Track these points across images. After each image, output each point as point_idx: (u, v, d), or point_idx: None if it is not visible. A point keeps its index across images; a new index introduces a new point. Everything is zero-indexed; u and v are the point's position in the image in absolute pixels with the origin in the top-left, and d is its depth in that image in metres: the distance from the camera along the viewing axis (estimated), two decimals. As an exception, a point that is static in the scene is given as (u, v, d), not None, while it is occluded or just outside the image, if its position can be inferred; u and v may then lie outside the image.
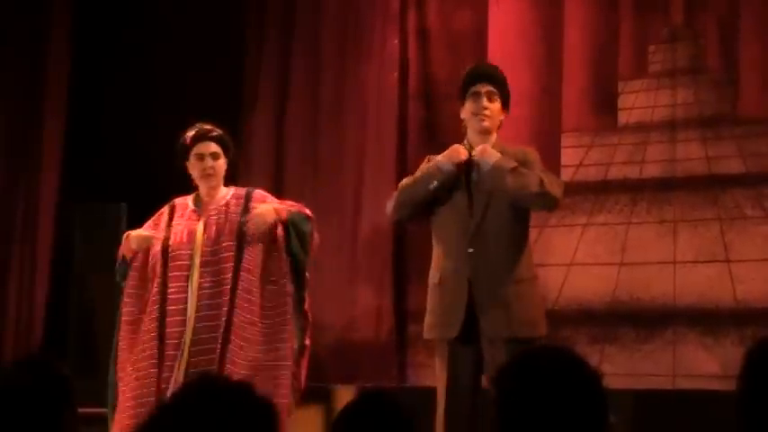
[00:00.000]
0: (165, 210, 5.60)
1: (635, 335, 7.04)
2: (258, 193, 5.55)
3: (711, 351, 6.79)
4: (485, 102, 5.17)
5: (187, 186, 5.79)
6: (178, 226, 5.48)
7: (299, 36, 8.16)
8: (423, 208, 5.23)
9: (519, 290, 5.07)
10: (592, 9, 7.33)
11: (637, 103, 7.26)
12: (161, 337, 5.25)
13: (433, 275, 5.25)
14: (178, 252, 5.38)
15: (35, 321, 7.86)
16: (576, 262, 5.66)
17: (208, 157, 5.52)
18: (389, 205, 5.31)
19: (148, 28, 8.40)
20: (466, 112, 5.22)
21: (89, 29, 8.14)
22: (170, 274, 5.34)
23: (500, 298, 5.03)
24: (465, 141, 5.26)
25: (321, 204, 7.87)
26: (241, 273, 5.26)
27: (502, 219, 5.09)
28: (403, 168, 7.79)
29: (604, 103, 7.31)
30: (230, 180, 5.63)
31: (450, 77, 7.78)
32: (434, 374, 7.51)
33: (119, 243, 5.70)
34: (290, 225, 5.35)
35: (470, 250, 5.07)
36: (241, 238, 5.32)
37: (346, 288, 7.74)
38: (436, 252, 5.26)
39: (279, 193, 7.95)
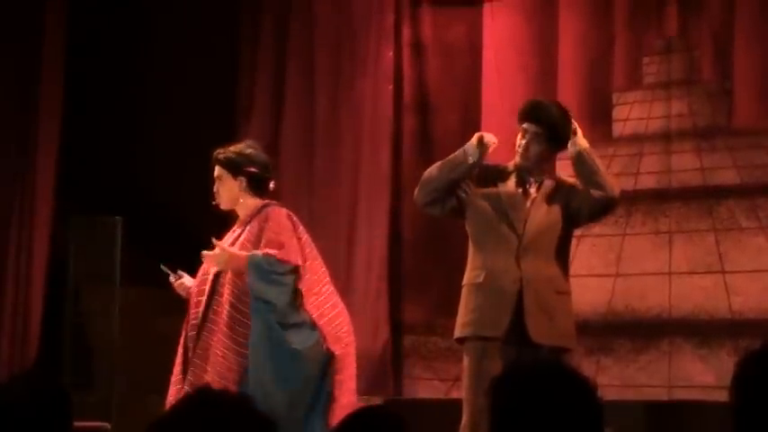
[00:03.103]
0: None
1: (630, 346, 7.04)
2: (266, 214, 5.45)
3: (707, 362, 6.79)
4: (519, 140, 5.31)
5: (182, 199, 5.78)
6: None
7: (293, 50, 8.16)
8: (445, 193, 5.28)
9: (561, 301, 5.27)
10: (586, 21, 7.34)
11: (631, 114, 7.27)
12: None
13: (476, 275, 5.30)
14: (202, 277, 5.47)
15: (30, 335, 7.84)
16: (571, 273, 5.67)
17: (216, 182, 5.51)
18: (416, 192, 5.38)
19: (145, 42, 8.40)
20: (525, 147, 5.33)
21: (83, 42, 8.14)
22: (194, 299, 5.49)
23: (546, 307, 5.20)
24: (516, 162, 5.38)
25: (316, 217, 7.87)
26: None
27: (553, 231, 5.27)
28: (397, 181, 7.80)
29: (599, 115, 7.32)
30: (265, 193, 5.54)
31: (444, 90, 7.80)
32: (430, 387, 7.54)
33: (113, 256, 5.71)
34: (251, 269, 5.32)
35: (522, 257, 5.21)
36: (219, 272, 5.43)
37: (342, 299, 7.72)
38: (479, 253, 5.32)
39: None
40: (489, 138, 5.26)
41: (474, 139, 5.25)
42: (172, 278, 5.48)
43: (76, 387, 7.12)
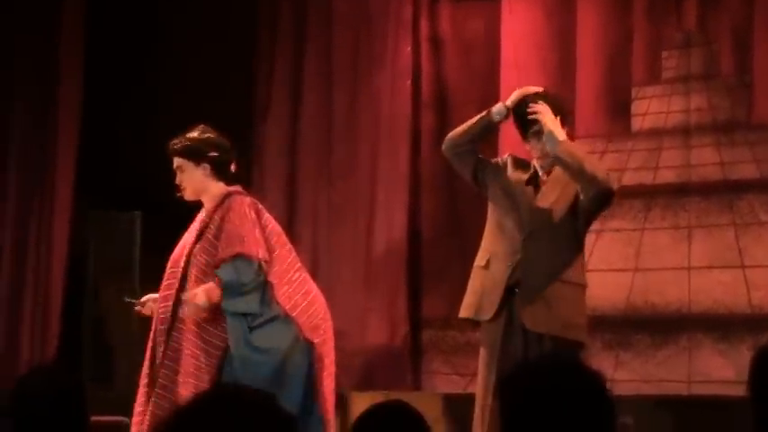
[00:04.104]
0: None
1: (650, 341, 7.02)
2: (230, 214, 5.28)
3: (726, 357, 6.77)
4: (535, 144, 5.38)
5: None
6: (185, 236, 5.45)
7: (311, 45, 8.15)
8: (469, 145, 5.38)
9: (564, 291, 5.22)
10: (605, 15, 7.32)
11: (650, 108, 7.24)
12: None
13: (481, 258, 5.38)
14: (171, 270, 5.35)
15: (50, 331, 7.85)
16: (590, 268, 5.66)
17: (177, 173, 5.37)
18: (443, 147, 5.49)
19: (162, 39, 8.42)
20: (534, 149, 5.39)
21: (102, 40, 8.15)
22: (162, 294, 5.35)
23: (543, 294, 5.17)
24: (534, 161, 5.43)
25: (335, 212, 7.88)
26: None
27: (560, 220, 5.27)
28: (416, 176, 7.80)
29: (618, 110, 7.30)
30: (229, 176, 5.41)
31: (462, 86, 7.79)
32: (448, 382, 7.54)
33: (133, 251, 5.69)
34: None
35: (526, 244, 5.23)
36: (187, 267, 5.27)
37: (361, 295, 7.74)
38: (488, 236, 5.39)
39: (292, 201, 7.97)
40: (530, 89, 5.40)
41: (509, 102, 5.38)
42: (138, 307, 5.40)
43: (96, 382, 7.14)
